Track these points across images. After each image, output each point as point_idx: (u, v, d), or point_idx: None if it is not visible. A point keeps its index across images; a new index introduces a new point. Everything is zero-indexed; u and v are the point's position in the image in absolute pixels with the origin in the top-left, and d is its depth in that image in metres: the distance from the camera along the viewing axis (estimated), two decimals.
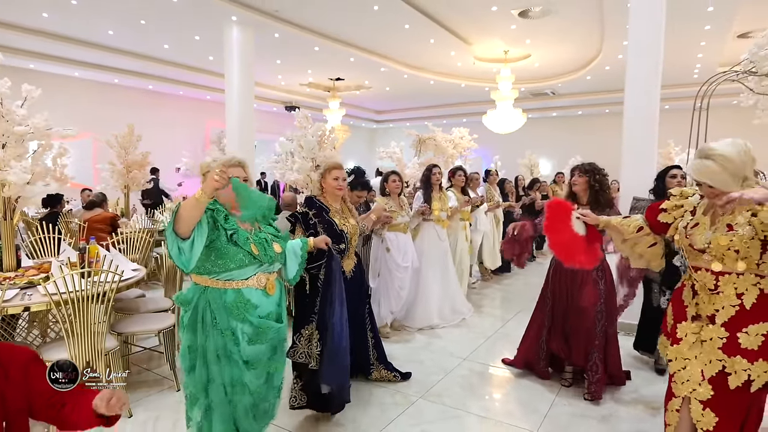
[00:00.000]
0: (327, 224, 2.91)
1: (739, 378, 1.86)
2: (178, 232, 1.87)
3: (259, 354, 2.04)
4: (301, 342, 2.74)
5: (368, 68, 10.43)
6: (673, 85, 9.94)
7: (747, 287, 1.87)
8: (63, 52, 8.55)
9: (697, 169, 1.87)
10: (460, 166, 5.58)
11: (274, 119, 14.30)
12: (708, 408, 1.91)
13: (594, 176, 3.14)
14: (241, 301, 2.00)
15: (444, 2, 7.13)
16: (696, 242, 1.96)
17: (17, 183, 2.99)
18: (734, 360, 1.88)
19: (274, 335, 2.08)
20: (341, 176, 2.98)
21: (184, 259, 1.89)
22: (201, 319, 2.01)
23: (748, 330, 1.86)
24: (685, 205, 2.09)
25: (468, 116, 15.27)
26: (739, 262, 1.86)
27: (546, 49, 9.34)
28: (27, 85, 3.18)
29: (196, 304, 2.02)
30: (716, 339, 1.92)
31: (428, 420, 2.85)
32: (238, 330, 1.99)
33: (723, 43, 8.40)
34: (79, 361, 2.69)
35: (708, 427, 1.90)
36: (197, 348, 2.01)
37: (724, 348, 1.90)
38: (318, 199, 2.99)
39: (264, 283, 2.08)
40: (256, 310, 2.03)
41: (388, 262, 4.23)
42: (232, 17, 7.03)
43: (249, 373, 2.01)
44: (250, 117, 7.59)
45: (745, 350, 1.86)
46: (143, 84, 10.91)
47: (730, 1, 6.58)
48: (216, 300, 2.00)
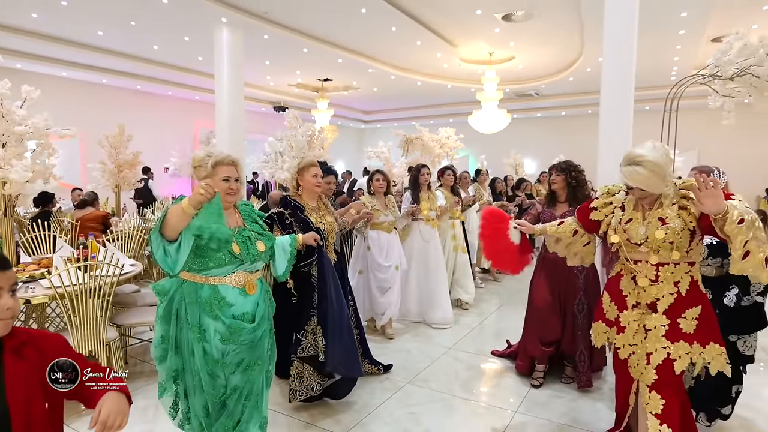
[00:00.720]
0: (302, 223, 2.92)
1: (683, 362, 2.01)
2: (165, 235, 1.86)
3: (232, 354, 2.00)
4: (306, 338, 2.80)
5: (356, 69, 10.58)
6: (652, 87, 10.27)
7: (681, 275, 2.04)
8: (51, 52, 8.55)
9: (629, 176, 1.97)
10: (449, 166, 5.59)
11: (262, 119, 14.39)
12: (654, 390, 2.04)
13: (570, 174, 3.28)
14: (215, 298, 1.97)
15: (430, 5, 7.31)
16: (633, 237, 2.09)
17: (19, 181, 3.10)
18: (677, 345, 2.02)
19: (247, 337, 2.01)
20: (319, 173, 3.02)
21: (170, 261, 1.88)
22: (176, 311, 2.00)
23: (685, 315, 2.03)
24: (613, 201, 2.22)
25: (454, 116, 15.50)
26: (674, 252, 2.00)
27: (529, 52, 9.58)
28: (27, 86, 3.29)
29: (172, 296, 2.01)
30: (659, 327, 2.06)
31: (416, 403, 3.04)
32: (210, 328, 1.96)
33: (697, 47, 8.73)
34: (83, 351, 2.82)
35: (656, 411, 2.02)
36: (169, 338, 2.01)
37: (667, 335, 2.04)
38: (293, 198, 3.01)
39: (242, 281, 2.03)
40: (230, 309, 1.99)
41: (369, 261, 4.22)
42: (222, 19, 7.13)
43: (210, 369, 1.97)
44: (241, 117, 7.70)
45: (686, 335, 2.02)
46: (132, 84, 10.93)
47: (703, 7, 6.89)
48: (191, 294, 1.98)
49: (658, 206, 2.05)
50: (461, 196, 5.32)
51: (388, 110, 16.56)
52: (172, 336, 2.00)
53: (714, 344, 2.02)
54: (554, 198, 3.37)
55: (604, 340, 2.30)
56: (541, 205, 3.48)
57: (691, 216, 1.98)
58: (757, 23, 7.67)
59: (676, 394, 2.05)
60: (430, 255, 4.61)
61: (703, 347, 2.01)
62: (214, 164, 2.04)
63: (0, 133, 3.17)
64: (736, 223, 1.74)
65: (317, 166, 3.04)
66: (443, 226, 5.07)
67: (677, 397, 2.05)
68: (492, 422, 2.82)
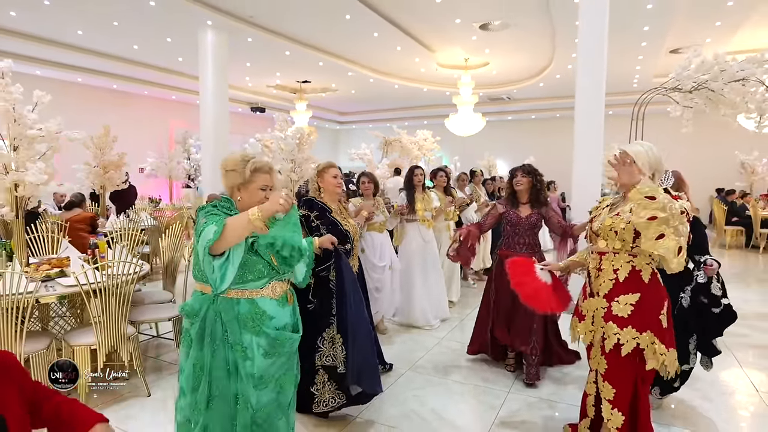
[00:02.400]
0: (331, 225, 2.85)
1: (611, 341, 2.15)
2: (215, 250, 1.73)
3: (275, 368, 1.89)
4: (324, 345, 2.72)
5: (336, 72, 10.79)
6: (615, 93, 10.93)
7: (621, 264, 2.20)
8: (29, 51, 8.40)
9: (630, 147, 2.23)
10: (442, 167, 5.67)
11: (239, 120, 14.37)
12: (606, 380, 2.19)
13: (535, 177, 3.40)
14: (256, 312, 1.84)
15: (412, 13, 7.62)
16: (594, 225, 2.32)
17: (35, 183, 3.19)
18: (608, 325, 2.18)
19: (290, 347, 1.94)
20: (338, 174, 2.98)
21: (214, 277, 1.76)
22: (210, 332, 1.84)
23: (619, 299, 2.18)
24: (602, 204, 2.44)
25: (429, 119, 15.91)
26: (616, 241, 2.18)
27: (503, 58, 10.04)
28: (38, 91, 3.38)
29: (204, 315, 1.85)
30: (600, 309, 2.24)
31: (418, 387, 3.31)
32: (253, 343, 1.83)
33: (657, 58, 9.39)
34: (106, 346, 2.96)
35: (609, 397, 2.18)
36: (203, 365, 1.84)
37: (605, 316, 2.22)
38: (318, 200, 2.94)
39: (279, 292, 1.93)
40: (272, 321, 1.87)
41: (364, 262, 4.15)
42: (208, 22, 7.23)
43: (255, 389, 1.84)
44: (225, 118, 7.81)
45: (616, 317, 2.17)
46: (108, 83, 10.78)
47: (662, 22, 7.46)
48: (228, 311, 1.83)
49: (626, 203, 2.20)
50: (455, 197, 5.35)
51: (364, 111, 16.81)
52: (207, 363, 1.84)
53: (650, 333, 2.12)
54: (516, 199, 3.46)
55: (574, 334, 2.44)
56: (503, 206, 3.53)
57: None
58: (710, 38, 8.34)
59: (625, 381, 2.18)
60: (429, 255, 4.66)
61: (639, 333, 2.12)
62: (253, 170, 1.87)
63: (12, 137, 3.24)
64: (644, 198, 1.93)
65: (336, 167, 3.00)
66: (439, 227, 5.14)
67: (626, 384, 2.18)
68: (489, 401, 3.12)
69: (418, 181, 4.68)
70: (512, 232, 3.44)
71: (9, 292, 2.63)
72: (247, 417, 1.85)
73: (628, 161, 2.09)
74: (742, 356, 3.89)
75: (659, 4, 6.74)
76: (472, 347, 3.75)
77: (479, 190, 7.21)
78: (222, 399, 1.86)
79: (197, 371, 1.85)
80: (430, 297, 4.64)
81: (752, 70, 4.11)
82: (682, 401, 3.10)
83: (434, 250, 4.77)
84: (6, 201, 3.27)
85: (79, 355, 2.94)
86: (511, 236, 3.44)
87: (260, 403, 1.84)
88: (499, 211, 3.52)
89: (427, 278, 4.63)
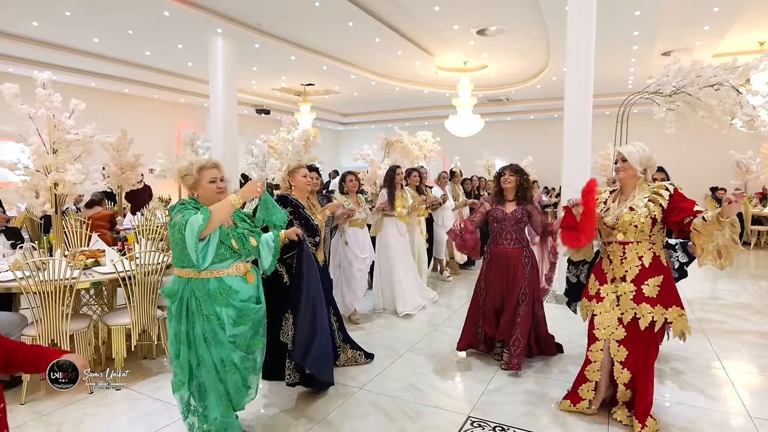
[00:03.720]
0: (304, 219, 3.15)
1: (645, 320, 2.59)
2: (202, 236, 2.12)
3: (243, 334, 2.31)
4: (286, 324, 3.04)
5: (339, 75, 11.15)
6: (611, 94, 11.29)
7: (644, 252, 2.63)
8: (45, 56, 8.79)
9: (624, 149, 2.70)
10: (414, 167, 6.06)
11: (243, 122, 14.71)
12: (621, 345, 2.67)
13: (522, 176, 3.60)
14: (223, 287, 2.23)
15: (412, 20, 7.97)
16: (608, 221, 2.69)
17: (73, 183, 3.56)
18: (641, 306, 2.60)
19: (255, 315, 2.35)
20: (308, 173, 3.29)
21: (199, 257, 2.15)
22: (186, 307, 2.22)
23: (648, 282, 2.61)
24: (599, 198, 2.82)
25: (429, 119, 16.25)
26: (637, 233, 2.60)
27: (501, 61, 10.38)
28: (75, 99, 3.75)
29: (181, 294, 2.22)
30: (628, 293, 2.65)
31: (417, 365, 3.68)
32: (223, 314, 2.23)
33: (650, 59, 9.72)
34: (139, 326, 3.34)
35: (621, 359, 2.67)
36: (182, 335, 2.22)
37: (634, 299, 2.63)
38: (293, 197, 3.23)
39: (243, 270, 2.33)
40: (237, 295, 2.27)
41: (348, 254, 4.63)
42: (218, 29, 7.59)
43: (234, 352, 2.27)
44: (233, 121, 8.17)
45: (648, 298, 2.60)
46: (120, 87, 11.18)
47: (651, 28, 7.80)
48: (200, 289, 2.21)
49: (631, 198, 2.66)
50: (428, 196, 5.71)
51: (366, 113, 17.15)
52: (183, 332, 2.22)
53: (676, 307, 2.59)
54: (502, 196, 3.64)
55: (586, 312, 2.86)
56: (489, 203, 3.69)
57: (657, 208, 2.57)
58: (700, 41, 8.67)
59: (640, 347, 2.63)
60: (404, 247, 5.12)
61: (666, 309, 2.58)
62: (198, 169, 2.29)
63: (52, 141, 3.62)
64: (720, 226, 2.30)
65: (305, 167, 3.34)
66: (412, 223, 5.52)
67: (641, 349, 2.63)
68: (482, 377, 3.48)
69: (399, 180, 5.06)
70: (499, 228, 3.62)
71: (56, 278, 3.01)
72: (236, 377, 2.30)
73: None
74: (717, 341, 4.23)
75: (646, 11, 7.07)
76: (461, 343, 3.81)
77: (458, 189, 7.56)
78: (205, 365, 2.26)
79: (177, 340, 2.24)
80: (412, 282, 5.11)
81: (724, 76, 4.44)
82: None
83: (407, 242, 5.22)
84: (47, 199, 3.64)
85: (116, 333, 3.32)
86: (498, 232, 3.62)
87: (240, 359, 2.30)
88: (486, 208, 3.68)
89: (404, 267, 5.04)
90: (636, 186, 2.71)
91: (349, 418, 2.87)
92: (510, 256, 3.56)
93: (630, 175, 2.69)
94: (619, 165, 2.72)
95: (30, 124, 3.53)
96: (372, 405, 3.03)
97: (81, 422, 2.80)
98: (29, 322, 3.23)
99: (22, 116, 3.52)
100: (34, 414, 2.88)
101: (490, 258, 3.66)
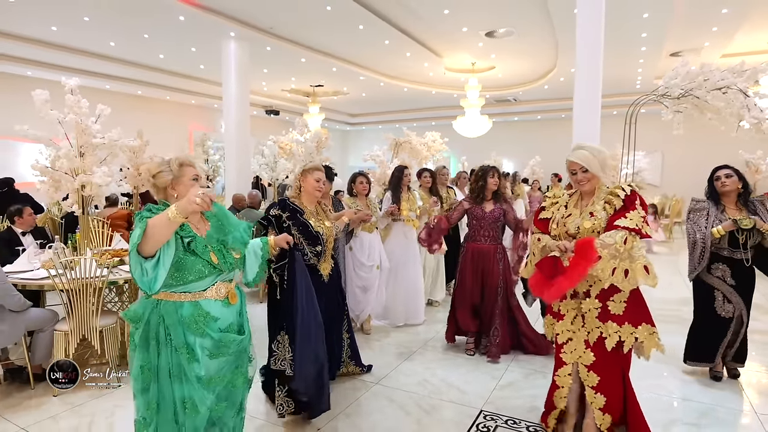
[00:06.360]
0: (302, 226, 2.84)
1: (612, 340, 2.30)
2: (142, 252, 1.68)
3: (221, 368, 1.93)
4: (279, 348, 2.73)
5: (348, 76, 11.28)
6: (619, 94, 11.33)
7: None
8: (62, 60, 9.01)
9: (575, 155, 2.37)
10: (426, 168, 5.71)
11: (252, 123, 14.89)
12: (592, 371, 2.39)
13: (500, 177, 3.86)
14: (200, 314, 1.86)
15: (421, 23, 8.09)
16: (569, 228, 2.40)
17: (100, 184, 3.72)
18: (607, 325, 2.31)
19: (237, 347, 1.96)
20: (322, 178, 2.95)
21: (147, 279, 1.70)
22: (155, 335, 1.86)
23: (614, 298, 2.32)
24: (559, 201, 2.57)
25: (437, 120, 16.35)
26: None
27: (509, 63, 10.46)
28: (101, 105, 3.91)
29: (148, 319, 1.86)
30: (593, 310, 2.36)
31: (428, 360, 3.81)
32: (196, 345, 1.85)
33: (658, 60, 9.76)
34: None
35: (592, 384, 2.39)
36: (151, 367, 1.87)
37: (599, 317, 2.34)
38: (292, 201, 2.93)
39: (224, 292, 1.94)
40: (216, 323, 1.89)
41: (352, 261, 4.31)
42: (231, 33, 7.75)
43: (203, 391, 1.87)
44: (246, 122, 8.33)
45: (614, 315, 2.31)
46: (133, 89, 11.40)
47: (659, 29, 7.86)
48: (171, 314, 1.84)
49: (592, 203, 2.41)
50: (441, 197, 5.31)
51: (375, 113, 17.28)
52: (153, 364, 1.88)
53: (646, 325, 2.30)
54: (482, 196, 3.81)
55: (551, 331, 2.57)
56: (468, 203, 3.86)
57: (612, 209, 2.33)
58: (708, 41, 8.71)
59: (613, 371, 2.38)
60: (410, 255, 4.70)
61: (635, 327, 2.28)
62: (179, 164, 1.91)
63: (80, 145, 3.77)
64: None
65: (322, 171, 2.97)
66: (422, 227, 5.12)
67: (612, 372, 2.38)
68: (494, 373, 3.59)
69: (407, 181, 4.71)
70: (477, 225, 3.84)
71: (87, 276, 3.15)
72: (196, 420, 1.88)
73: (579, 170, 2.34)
74: None
75: (654, 13, 7.14)
76: (448, 333, 4.02)
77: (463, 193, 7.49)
78: (164, 403, 1.89)
79: (145, 373, 1.87)
80: (416, 294, 4.73)
81: (732, 79, 4.50)
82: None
83: (416, 248, 4.77)
84: (74, 200, 3.80)
85: None
86: (476, 230, 3.85)
87: (206, 402, 1.88)
88: (465, 207, 3.87)
89: (408, 275, 4.70)
90: (596, 189, 2.43)
91: (366, 411, 2.99)
92: (485, 252, 3.82)
93: (594, 184, 2.41)
94: (579, 177, 2.39)
95: (59, 129, 3.68)
96: (388, 399, 3.16)
97: (112, 414, 2.94)
98: (60, 318, 3.38)
99: (51, 120, 3.68)
100: (67, 405, 3.02)
101: (467, 252, 3.90)
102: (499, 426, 2.82)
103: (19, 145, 9.62)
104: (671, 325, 4.30)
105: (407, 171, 4.79)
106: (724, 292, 3.24)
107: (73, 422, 2.82)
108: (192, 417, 1.87)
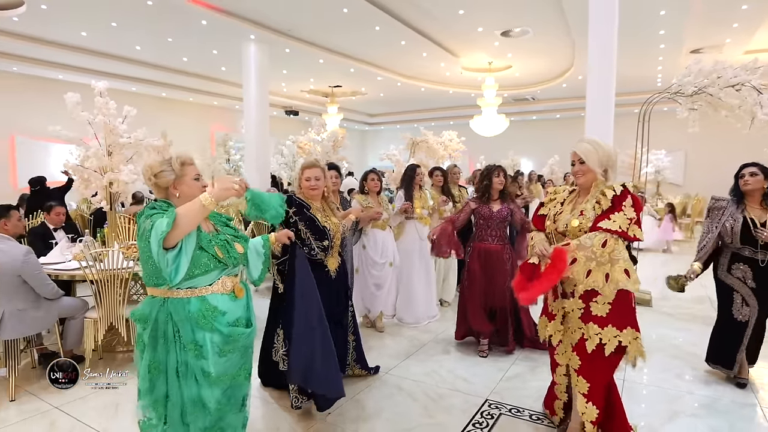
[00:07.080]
0: (309, 221, 2.82)
1: (593, 342, 2.20)
2: (166, 243, 1.69)
3: (230, 365, 1.93)
4: (278, 342, 2.81)
5: (366, 77, 11.44)
6: (640, 92, 11.18)
7: None
8: (90, 63, 9.39)
9: (578, 146, 2.33)
10: (438, 167, 5.70)
11: (272, 123, 15.18)
12: (581, 376, 2.30)
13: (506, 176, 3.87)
14: (207, 309, 1.85)
15: (436, 23, 8.17)
16: (559, 226, 2.36)
17: (126, 182, 3.94)
18: (589, 326, 2.22)
19: (245, 341, 1.97)
20: (313, 176, 2.88)
21: (169, 270, 1.73)
22: (163, 334, 1.85)
23: (597, 299, 2.21)
24: (557, 197, 2.51)
25: (455, 119, 16.37)
26: None
27: (526, 62, 10.46)
28: (128, 106, 4.13)
29: (156, 318, 1.85)
30: (576, 310, 2.28)
31: (438, 353, 3.92)
32: (206, 342, 1.84)
33: (678, 58, 9.62)
34: None
35: (583, 391, 2.29)
36: (159, 366, 1.87)
37: (583, 317, 2.25)
38: (298, 196, 2.91)
39: (230, 286, 1.95)
40: (224, 317, 1.89)
41: (365, 259, 4.35)
42: (251, 36, 7.98)
43: (210, 389, 1.87)
44: (266, 122, 8.56)
45: (596, 317, 2.21)
46: (158, 91, 11.78)
47: (677, 27, 7.78)
48: (179, 311, 1.83)
49: (585, 201, 2.33)
50: (453, 195, 5.31)
51: (392, 113, 17.40)
52: (162, 363, 1.87)
53: (630, 329, 2.20)
54: (489, 195, 3.81)
55: (544, 332, 2.53)
56: (475, 203, 3.85)
57: (600, 209, 2.27)
58: (729, 38, 8.56)
59: (600, 376, 2.28)
60: (423, 252, 4.66)
61: (620, 330, 2.18)
62: (181, 163, 1.92)
63: (108, 144, 4.00)
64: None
65: (317, 168, 2.92)
66: (434, 225, 4.88)
67: (600, 378, 2.29)
68: (501, 365, 3.68)
69: (419, 180, 4.73)
70: (484, 225, 3.83)
71: (114, 267, 3.36)
72: (204, 420, 1.88)
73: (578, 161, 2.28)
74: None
75: (671, 11, 7.08)
76: (458, 333, 4.02)
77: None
78: (172, 403, 1.89)
79: (152, 372, 1.87)
80: (428, 292, 4.76)
81: (745, 76, 4.49)
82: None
83: (428, 246, 4.57)
84: (103, 197, 4.03)
85: None
86: (484, 229, 3.84)
87: (216, 401, 1.89)
88: (471, 207, 3.85)
89: (420, 273, 4.70)
90: (593, 187, 2.35)
91: (375, 398, 3.12)
92: (493, 252, 3.80)
93: (590, 179, 2.32)
94: (576, 168, 2.34)
95: (89, 129, 3.92)
96: (396, 387, 3.28)
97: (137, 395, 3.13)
98: (90, 307, 3.61)
99: (82, 121, 3.91)
100: (95, 387, 3.21)
101: (474, 252, 3.87)
102: (503, 414, 2.92)
103: (51, 146, 10.05)
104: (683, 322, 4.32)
105: (419, 170, 4.80)
106: (744, 295, 3.12)
107: (100, 402, 3.02)
108: (201, 417, 1.88)
